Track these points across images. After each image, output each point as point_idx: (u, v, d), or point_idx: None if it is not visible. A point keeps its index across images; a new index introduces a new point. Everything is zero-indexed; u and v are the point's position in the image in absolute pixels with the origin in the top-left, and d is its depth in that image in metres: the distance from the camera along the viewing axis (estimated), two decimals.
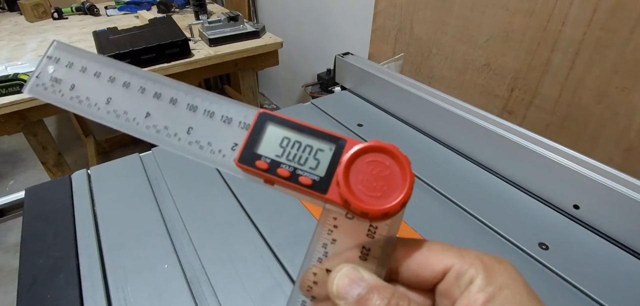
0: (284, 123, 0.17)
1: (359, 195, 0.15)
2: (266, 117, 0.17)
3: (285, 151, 0.16)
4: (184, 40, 1.08)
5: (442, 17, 0.90)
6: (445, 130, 0.59)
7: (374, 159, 0.15)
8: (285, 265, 0.39)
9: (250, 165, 0.16)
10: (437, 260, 0.16)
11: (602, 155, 0.68)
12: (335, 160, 0.16)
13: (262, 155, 0.16)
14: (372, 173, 0.15)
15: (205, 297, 0.36)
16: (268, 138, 0.16)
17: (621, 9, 0.60)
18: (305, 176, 0.16)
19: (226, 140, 0.17)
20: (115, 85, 0.19)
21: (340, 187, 0.15)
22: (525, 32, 0.74)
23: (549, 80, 0.72)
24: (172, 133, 0.18)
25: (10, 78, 0.91)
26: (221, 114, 0.17)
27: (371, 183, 0.15)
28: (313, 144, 0.16)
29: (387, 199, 0.15)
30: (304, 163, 0.16)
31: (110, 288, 0.37)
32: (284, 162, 0.16)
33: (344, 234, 0.16)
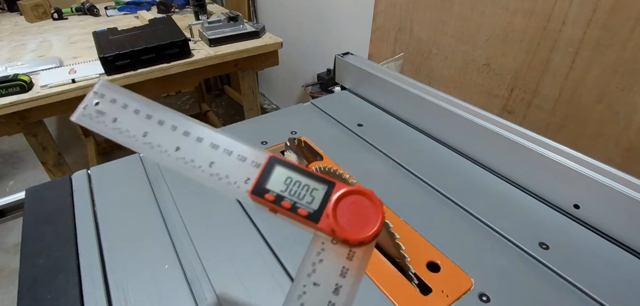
0: (289, 166, 0.21)
1: (343, 226, 0.20)
2: (275, 160, 0.21)
3: (288, 188, 0.21)
4: (183, 40, 1.08)
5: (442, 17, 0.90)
6: (445, 130, 0.59)
7: (355, 200, 0.20)
8: (285, 265, 0.39)
9: (261, 197, 0.21)
10: None
11: (602, 154, 0.68)
12: (326, 197, 0.20)
13: (270, 190, 0.21)
14: (354, 210, 0.20)
15: (205, 297, 0.36)
16: (275, 177, 0.21)
17: (621, 8, 0.60)
18: (302, 209, 0.20)
19: (241, 175, 0.21)
20: (152, 122, 0.23)
21: (329, 219, 0.20)
22: (525, 32, 0.74)
23: (549, 80, 0.72)
24: (197, 165, 0.22)
25: (10, 78, 0.91)
26: (237, 153, 0.22)
27: (352, 218, 0.20)
28: (310, 184, 0.21)
29: (364, 230, 0.19)
30: (302, 198, 0.20)
31: (110, 288, 0.37)
32: (287, 196, 0.21)
33: (330, 255, 0.20)
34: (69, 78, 0.97)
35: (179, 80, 1.13)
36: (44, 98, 0.93)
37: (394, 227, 0.43)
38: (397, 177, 0.53)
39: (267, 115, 0.69)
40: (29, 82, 0.94)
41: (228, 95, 2.65)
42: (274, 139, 0.60)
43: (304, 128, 0.63)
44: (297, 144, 0.58)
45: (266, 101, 2.51)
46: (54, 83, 0.95)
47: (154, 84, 1.08)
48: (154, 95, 1.15)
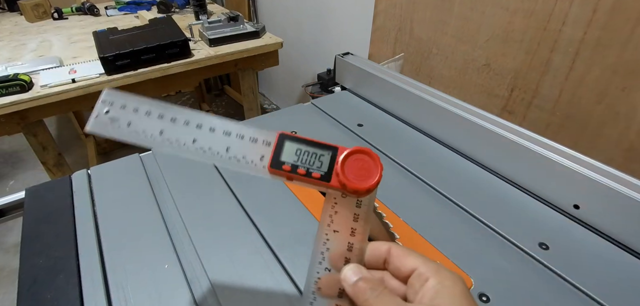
0: (297, 140, 0.25)
1: (351, 180, 0.23)
2: (285, 137, 0.25)
3: (300, 158, 0.24)
4: (184, 40, 1.08)
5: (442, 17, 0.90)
6: (445, 130, 0.59)
7: (357, 158, 0.24)
8: (285, 265, 0.39)
9: (279, 169, 0.24)
10: (409, 262, 0.23)
11: (602, 155, 0.68)
12: (333, 160, 0.24)
13: (285, 161, 0.24)
14: (357, 166, 0.24)
15: (205, 297, 0.36)
16: (287, 150, 0.24)
17: (621, 9, 0.60)
18: (315, 172, 0.24)
19: (255, 154, 0.24)
20: (165, 121, 0.25)
21: (339, 176, 0.23)
22: (525, 32, 0.74)
23: (549, 80, 0.72)
24: (216, 152, 0.24)
25: (10, 78, 0.91)
26: (249, 136, 0.25)
27: (357, 173, 0.23)
28: (317, 152, 0.24)
29: (368, 181, 0.23)
30: (313, 164, 0.24)
31: (110, 288, 0.37)
32: (300, 164, 0.24)
33: (342, 207, 0.24)
34: (69, 78, 0.97)
35: (179, 80, 1.13)
36: (44, 98, 0.93)
37: (394, 227, 0.43)
38: (397, 177, 0.53)
39: (267, 115, 0.69)
40: (29, 81, 0.94)
41: (228, 95, 2.65)
42: None
43: (304, 129, 0.63)
44: None
45: (266, 101, 2.51)
46: (54, 83, 0.95)
47: (154, 84, 1.08)
48: (154, 95, 1.15)
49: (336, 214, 0.24)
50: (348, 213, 0.24)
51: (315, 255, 0.24)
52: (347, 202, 0.24)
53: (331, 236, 0.24)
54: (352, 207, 0.24)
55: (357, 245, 0.24)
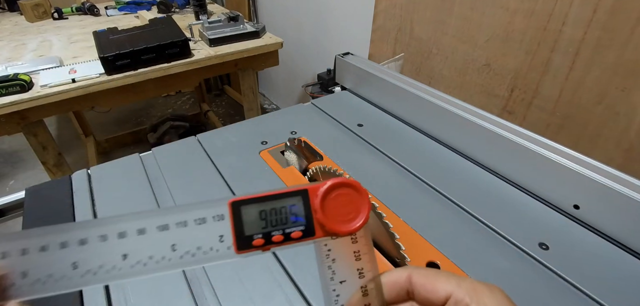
0: (254, 201, 0.20)
1: (338, 224, 0.20)
2: (238, 204, 0.19)
3: (268, 221, 0.20)
4: (184, 40, 1.08)
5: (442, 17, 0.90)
6: (445, 130, 0.59)
7: (338, 194, 0.20)
8: (286, 265, 0.39)
9: (249, 247, 0.19)
10: (441, 288, 0.20)
11: (602, 155, 0.68)
12: (307, 207, 0.20)
13: (253, 235, 0.19)
14: (340, 203, 0.20)
15: (205, 297, 0.36)
16: (249, 219, 0.19)
17: (621, 9, 0.60)
18: (294, 231, 0.20)
19: (211, 238, 0.19)
20: (71, 248, 0.17)
21: (324, 224, 0.20)
22: (526, 32, 0.74)
23: (549, 80, 0.72)
24: (160, 259, 0.18)
25: (10, 78, 0.91)
26: (193, 219, 0.19)
27: (342, 212, 0.20)
28: (285, 204, 0.20)
29: (359, 216, 0.20)
30: (286, 221, 0.20)
31: (110, 288, 0.37)
32: (272, 229, 0.20)
33: (338, 251, 0.21)
34: (69, 78, 0.97)
35: (179, 80, 1.13)
36: (44, 98, 0.93)
37: (394, 227, 0.43)
38: (397, 177, 0.53)
39: (267, 115, 0.69)
40: (29, 81, 0.94)
41: (228, 95, 2.65)
42: (274, 139, 0.60)
43: (304, 128, 0.63)
44: (297, 144, 0.58)
45: (266, 101, 2.51)
46: (54, 83, 0.95)
47: (154, 84, 1.08)
48: (154, 95, 1.16)
49: (335, 262, 0.21)
50: (347, 255, 0.21)
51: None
52: (340, 243, 0.21)
53: (340, 290, 0.21)
54: (348, 246, 0.21)
55: (371, 285, 0.21)
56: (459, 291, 0.20)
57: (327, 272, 0.21)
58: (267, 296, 0.36)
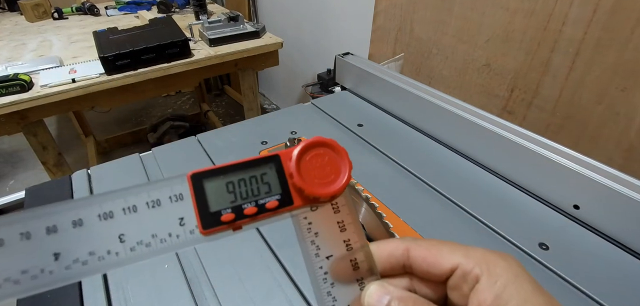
0: (217, 172, 0.17)
1: (318, 187, 0.18)
2: (200, 177, 0.17)
3: (237, 194, 0.17)
4: (184, 40, 1.08)
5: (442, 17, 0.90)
6: (445, 130, 0.59)
7: (314, 155, 0.18)
8: (285, 265, 0.39)
9: (217, 225, 0.16)
10: (445, 260, 0.18)
11: (602, 155, 0.68)
12: (281, 173, 0.18)
13: (220, 210, 0.17)
14: (317, 165, 0.18)
15: (205, 297, 0.36)
16: (214, 193, 0.17)
17: (621, 9, 0.60)
18: (269, 200, 0.17)
19: (169, 222, 0.16)
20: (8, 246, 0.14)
21: (303, 189, 0.18)
22: (526, 32, 0.74)
23: (549, 80, 0.72)
24: (103, 254, 0.15)
25: (10, 78, 0.91)
26: (145, 202, 0.16)
27: (321, 174, 0.18)
28: (255, 173, 0.18)
29: (340, 176, 0.18)
30: (259, 192, 0.17)
31: (110, 288, 0.37)
32: (243, 201, 0.17)
33: (319, 224, 0.19)
34: (69, 78, 0.97)
35: (179, 80, 1.13)
36: (44, 97, 0.93)
37: (394, 227, 0.43)
38: (397, 177, 0.53)
39: (267, 115, 0.69)
40: (29, 81, 0.94)
41: (228, 95, 2.65)
42: (274, 139, 0.60)
43: (304, 128, 0.63)
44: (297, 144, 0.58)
45: (266, 101, 2.51)
46: (54, 83, 0.95)
47: (154, 84, 1.08)
48: (154, 95, 1.16)
49: (318, 237, 0.19)
50: (331, 227, 0.19)
51: (322, 301, 0.19)
52: (322, 214, 0.19)
53: (328, 266, 0.19)
54: (331, 217, 0.19)
55: (361, 257, 0.19)
56: (467, 262, 0.17)
57: (311, 248, 0.19)
58: (267, 296, 0.36)
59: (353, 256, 0.19)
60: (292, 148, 0.18)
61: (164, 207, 0.16)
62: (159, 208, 0.16)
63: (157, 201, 0.16)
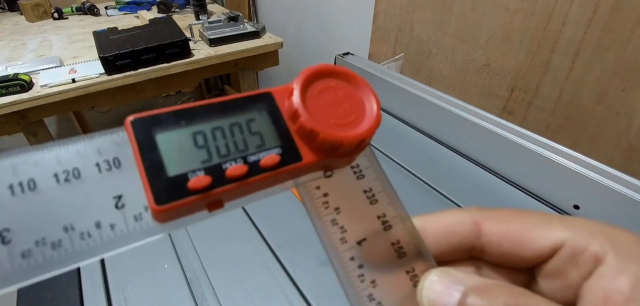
0: (177, 116, 0.11)
1: (337, 129, 0.12)
2: (146, 125, 0.11)
3: (210, 149, 0.11)
4: (184, 40, 1.08)
5: (442, 17, 0.90)
6: (445, 130, 0.59)
7: (323, 88, 0.13)
8: (285, 265, 0.39)
9: (182, 196, 0.10)
10: (539, 235, 0.13)
11: (602, 155, 0.68)
12: (277, 118, 0.12)
13: (186, 173, 0.10)
14: (328, 102, 0.13)
15: (205, 297, 0.36)
16: (172, 149, 0.11)
17: (621, 9, 0.60)
18: (266, 155, 0.11)
19: (95, 204, 0.10)
20: None
21: (317, 135, 0.12)
22: (526, 32, 0.74)
23: (549, 81, 0.72)
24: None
25: (10, 78, 0.91)
26: (52, 175, 0.10)
27: (337, 111, 0.12)
28: (237, 119, 0.12)
29: (362, 117, 0.13)
30: (247, 146, 0.11)
31: (110, 288, 0.37)
32: (222, 159, 0.11)
33: (339, 192, 0.13)
34: (69, 78, 0.97)
35: (179, 80, 1.13)
36: (44, 97, 0.93)
37: None
38: (397, 177, 0.53)
39: None
40: (29, 81, 0.94)
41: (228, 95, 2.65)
42: None
43: None
44: None
45: None
46: (54, 83, 0.95)
47: (154, 84, 1.08)
48: (154, 95, 1.15)
49: (339, 213, 0.13)
50: (357, 200, 0.14)
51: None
52: (341, 182, 0.13)
53: (362, 256, 0.13)
54: (354, 184, 0.14)
55: (406, 238, 0.14)
56: (577, 236, 0.12)
57: (332, 230, 0.13)
58: (267, 296, 0.36)
59: (394, 237, 0.14)
60: (290, 83, 0.13)
61: (86, 181, 0.10)
62: (78, 183, 0.10)
63: (74, 171, 0.10)
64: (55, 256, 0.09)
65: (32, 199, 0.09)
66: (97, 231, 0.10)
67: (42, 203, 0.10)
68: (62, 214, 0.10)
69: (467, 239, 0.14)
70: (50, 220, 0.10)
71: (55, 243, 0.09)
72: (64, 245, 0.10)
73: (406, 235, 0.14)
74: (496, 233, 0.13)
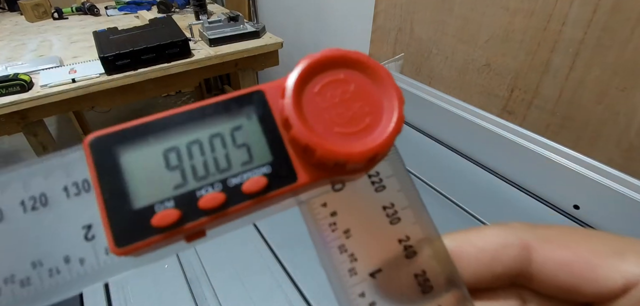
0: (145, 130, 0.09)
1: (341, 141, 0.09)
2: (108, 143, 0.09)
3: (185, 171, 0.09)
4: (184, 40, 1.08)
5: (442, 17, 0.90)
6: (445, 130, 0.59)
7: (327, 84, 0.10)
8: (285, 265, 0.39)
9: (145, 236, 0.08)
10: (608, 269, 0.10)
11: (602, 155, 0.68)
12: (270, 124, 0.10)
13: (154, 204, 0.09)
14: (336, 100, 0.10)
15: (205, 297, 0.36)
16: (140, 175, 0.09)
17: (621, 9, 0.60)
18: (249, 179, 0.09)
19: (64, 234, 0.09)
20: None
21: (316, 150, 0.09)
22: (526, 32, 0.74)
23: (549, 80, 0.72)
24: None
25: (10, 78, 0.91)
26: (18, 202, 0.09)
27: (344, 113, 0.10)
28: (219, 129, 0.09)
29: (380, 119, 0.10)
30: (231, 164, 0.09)
31: (110, 288, 0.37)
32: (198, 185, 0.09)
33: (350, 212, 0.11)
34: (69, 78, 0.97)
35: (179, 80, 1.13)
36: (44, 97, 0.93)
37: None
38: None
39: None
40: (29, 81, 0.94)
41: None
42: None
43: None
44: None
45: None
46: (54, 82, 0.95)
47: (154, 84, 1.08)
48: (154, 94, 1.15)
49: (349, 238, 0.10)
50: (374, 219, 0.11)
51: None
52: (353, 197, 0.11)
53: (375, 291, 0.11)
54: (371, 199, 0.11)
55: (434, 267, 0.11)
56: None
57: (339, 259, 0.10)
58: (267, 296, 0.36)
59: (419, 267, 0.11)
60: (286, 76, 0.10)
61: (54, 209, 0.09)
62: (45, 211, 0.09)
63: (41, 198, 0.09)
64: (24, 295, 0.08)
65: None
66: (66, 266, 0.09)
67: (10, 235, 0.09)
68: (30, 248, 0.09)
69: (514, 267, 0.11)
70: (18, 254, 0.09)
71: (23, 280, 0.08)
72: (32, 282, 0.08)
73: (435, 263, 0.11)
74: (552, 261, 0.11)
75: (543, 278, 0.11)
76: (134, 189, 0.09)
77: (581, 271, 0.10)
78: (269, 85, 0.10)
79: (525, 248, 0.11)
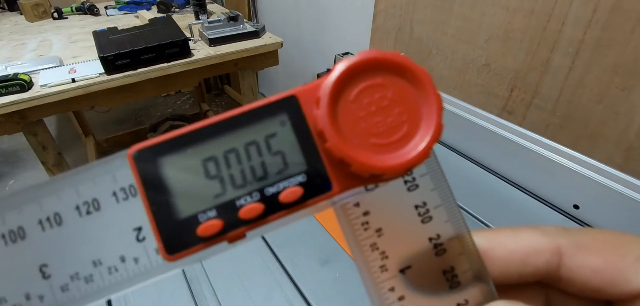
0: (185, 141, 0.10)
1: (376, 154, 0.09)
2: (150, 155, 0.09)
3: (224, 179, 0.10)
4: (184, 40, 1.08)
5: (442, 18, 0.90)
6: (445, 130, 0.59)
7: (365, 86, 0.10)
8: (285, 265, 0.39)
9: (193, 244, 0.09)
10: (637, 273, 0.10)
11: (602, 155, 0.68)
12: (304, 132, 0.10)
13: (197, 214, 0.09)
14: (373, 108, 0.10)
15: (205, 297, 0.36)
16: (183, 184, 0.09)
17: (621, 9, 0.60)
18: (286, 189, 0.10)
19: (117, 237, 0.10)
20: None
21: (351, 164, 0.09)
22: (526, 32, 0.74)
23: (549, 80, 0.72)
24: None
25: (10, 78, 0.91)
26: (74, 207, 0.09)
27: (382, 123, 0.10)
28: (254, 137, 0.10)
29: (417, 130, 0.10)
30: (267, 172, 0.10)
31: None
32: (237, 194, 0.10)
33: (382, 212, 0.11)
34: (69, 78, 0.97)
35: (179, 80, 1.13)
36: (44, 97, 0.93)
37: None
38: None
39: None
40: (29, 81, 0.94)
41: (228, 95, 2.65)
42: None
43: None
44: None
45: None
46: (54, 82, 0.95)
47: (154, 84, 1.08)
48: (154, 94, 1.16)
49: (382, 236, 0.11)
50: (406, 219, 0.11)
51: None
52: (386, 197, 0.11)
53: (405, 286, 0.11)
54: (404, 202, 0.11)
55: (463, 265, 0.11)
56: None
57: (372, 257, 0.11)
58: (267, 296, 0.36)
59: (448, 264, 0.11)
60: (321, 79, 0.10)
61: (106, 213, 0.10)
62: (99, 215, 0.10)
63: (93, 203, 0.10)
64: (89, 291, 0.10)
65: (60, 234, 0.10)
66: (122, 265, 0.10)
67: (70, 237, 0.10)
68: (90, 249, 0.10)
69: (543, 271, 0.11)
70: (80, 255, 0.10)
71: (87, 277, 0.10)
72: (95, 279, 0.10)
73: (464, 261, 0.11)
74: (585, 268, 0.11)
75: (572, 282, 0.11)
76: (178, 200, 0.09)
77: (612, 278, 0.10)
78: (303, 89, 0.10)
79: (556, 254, 0.11)
